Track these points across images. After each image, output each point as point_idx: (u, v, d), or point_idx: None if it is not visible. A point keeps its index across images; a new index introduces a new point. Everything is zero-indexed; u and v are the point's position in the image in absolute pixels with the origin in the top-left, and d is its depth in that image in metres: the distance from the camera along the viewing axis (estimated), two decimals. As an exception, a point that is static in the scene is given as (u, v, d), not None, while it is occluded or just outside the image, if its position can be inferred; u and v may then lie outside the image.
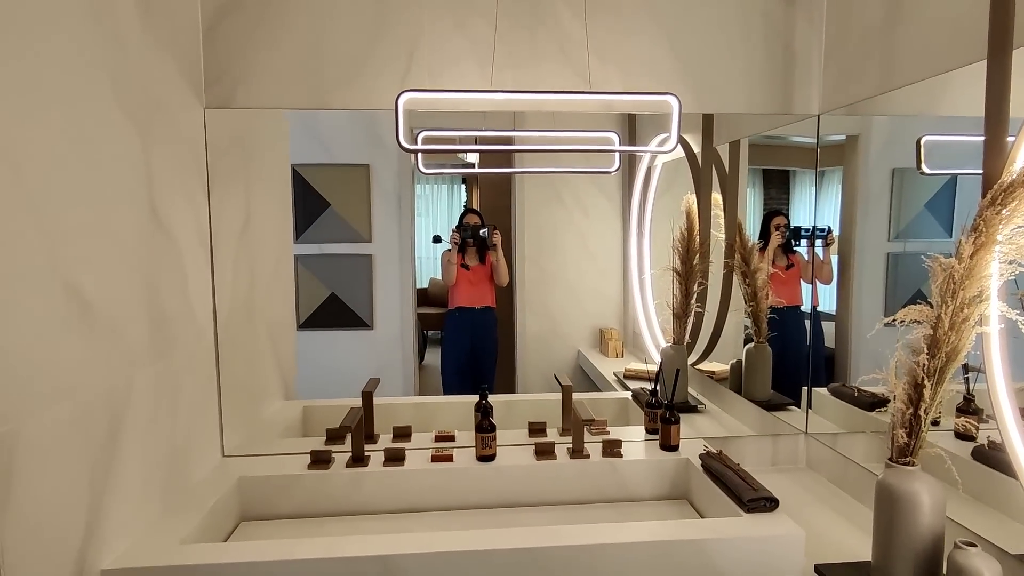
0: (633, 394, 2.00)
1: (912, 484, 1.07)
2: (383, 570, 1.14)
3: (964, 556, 0.99)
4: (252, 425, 1.70)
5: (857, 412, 1.66)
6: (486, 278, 2.09)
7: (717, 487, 1.40)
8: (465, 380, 2.15)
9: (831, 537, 1.36)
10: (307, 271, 2.07)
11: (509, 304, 2.16)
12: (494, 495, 1.54)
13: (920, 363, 1.05)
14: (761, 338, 1.96)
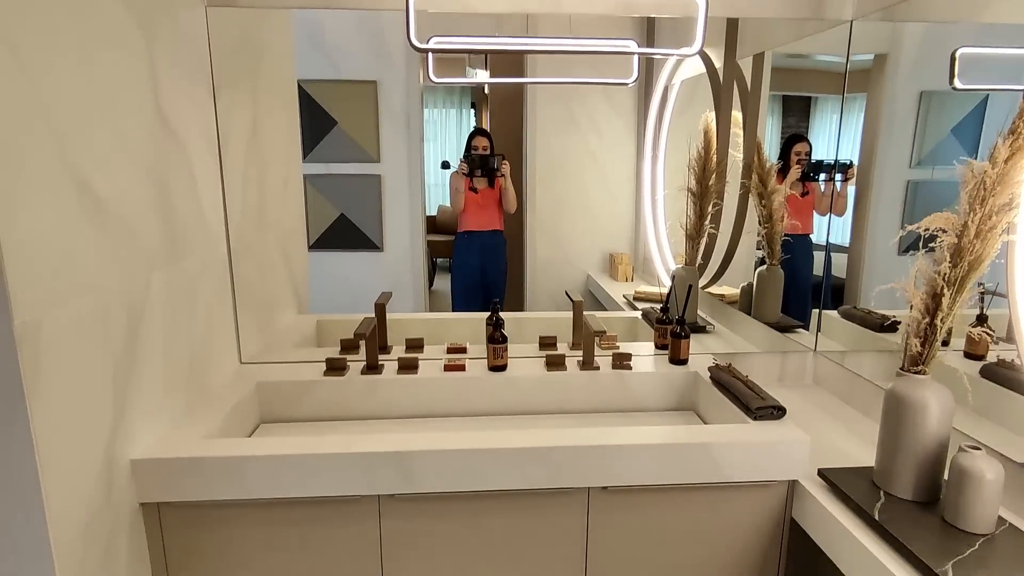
0: (643, 313, 2.01)
1: (922, 392, 1.09)
2: (398, 465, 1.18)
3: (968, 458, 1.02)
4: (267, 335, 1.73)
5: (867, 333, 1.67)
6: (494, 202, 2.06)
7: (725, 397, 1.42)
8: (475, 303, 2.17)
9: (835, 446, 1.39)
10: (315, 191, 2.04)
11: (519, 227, 2.14)
12: (505, 404, 1.58)
13: (941, 272, 1.04)
14: (774, 260, 1.95)
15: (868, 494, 1.14)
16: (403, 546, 1.25)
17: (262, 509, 1.20)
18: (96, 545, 1.03)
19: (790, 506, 1.28)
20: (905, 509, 1.09)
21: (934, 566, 0.94)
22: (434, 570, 1.27)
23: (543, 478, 1.21)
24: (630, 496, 1.26)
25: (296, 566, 1.24)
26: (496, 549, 1.27)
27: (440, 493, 1.22)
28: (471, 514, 1.24)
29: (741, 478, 1.24)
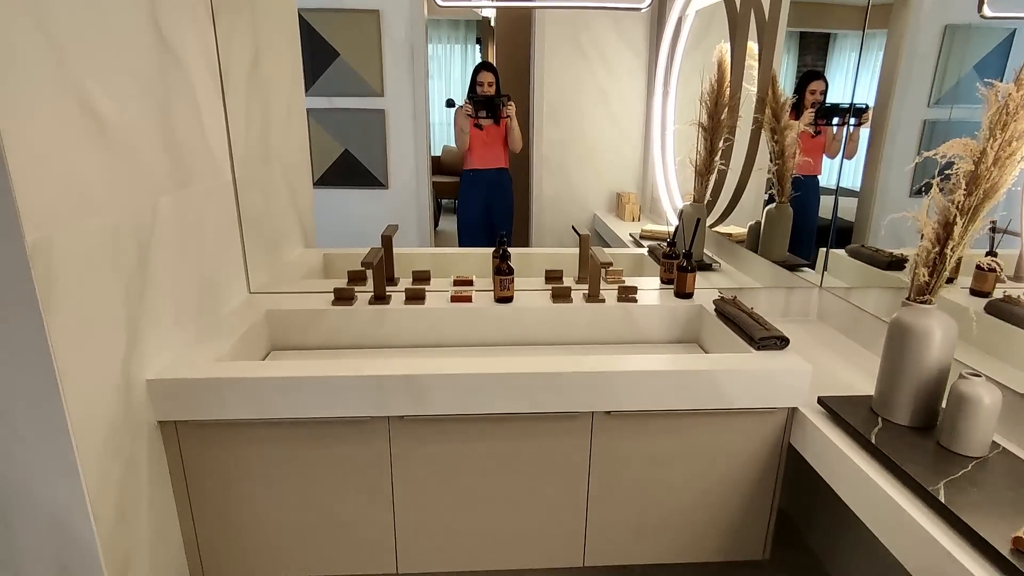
0: (649, 250, 2.01)
1: (927, 320, 1.09)
2: (408, 388, 1.21)
3: (967, 384, 1.03)
4: (275, 267, 1.74)
5: (873, 271, 1.67)
6: (500, 140, 2.02)
7: (729, 329, 1.44)
8: (481, 242, 2.16)
9: (836, 376, 1.42)
10: (319, 126, 2.01)
11: (525, 165, 2.11)
12: (511, 335, 1.60)
13: (955, 200, 1.03)
14: (783, 198, 1.93)
15: (866, 420, 1.16)
16: (412, 466, 1.29)
17: (276, 428, 1.24)
18: (118, 458, 1.07)
19: (788, 433, 1.32)
20: (901, 434, 1.12)
21: (926, 485, 0.97)
22: (442, 489, 1.32)
23: (548, 402, 1.24)
24: (633, 421, 1.29)
25: (310, 483, 1.29)
26: (502, 470, 1.31)
27: (448, 415, 1.25)
28: (478, 436, 1.28)
29: (742, 405, 1.27)
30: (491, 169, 2.06)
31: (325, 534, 1.33)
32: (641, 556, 1.41)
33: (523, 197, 2.15)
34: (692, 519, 1.38)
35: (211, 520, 1.30)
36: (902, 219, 1.64)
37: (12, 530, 1.01)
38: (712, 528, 1.39)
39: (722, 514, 1.38)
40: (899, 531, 0.97)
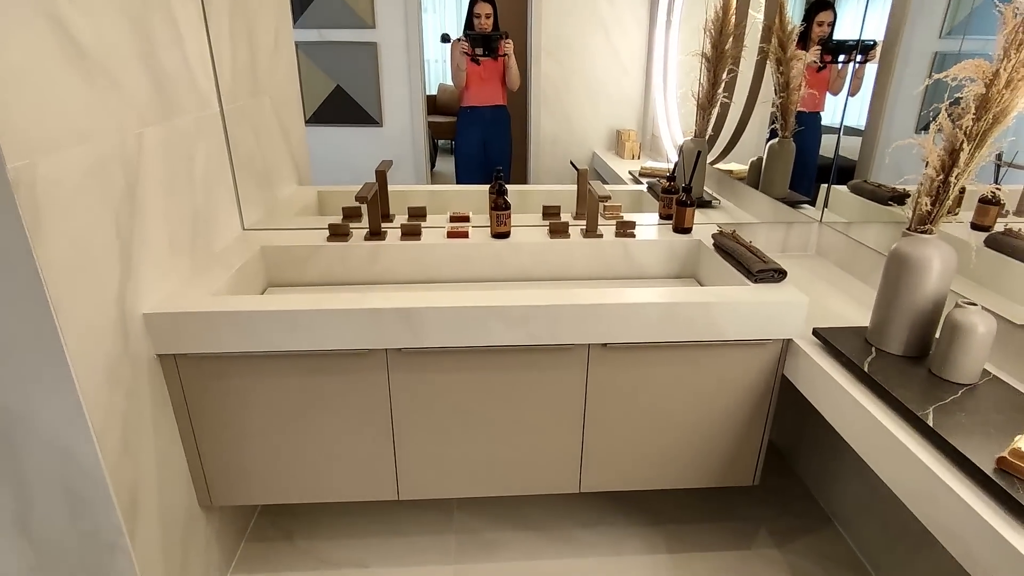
0: (648, 186, 1.98)
1: (926, 249, 1.09)
2: (406, 321, 1.21)
3: (963, 313, 1.04)
4: (269, 203, 1.72)
5: (874, 206, 1.65)
6: (497, 75, 1.95)
7: (727, 263, 1.43)
8: (478, 181, 2.12)
9: (832, 309, 1.42)
10: (309, 60, 1.93)
11: (523, 102, 2.05)
12: (508, 270, 1.60)
13: (963, 125, 1.00)
14: (787, 133, 1.88)
15: (860, 350, 1.18)
16: (411, 397, 1.31)
17: (276, 361, 1.25)
18: (119, 390, 1.08)
19: (783, 364, 1.33)
20: (894, 363, 1.13)
21: (916, 410, 0.99)
22: (440, 419, 1.34)
23: (545, 335, 1.25)
24: (629, 353, 1.30)
25: (312, 414, 1.31)
26: (499, 401, 1.33)
27: (446, 348, 1.26)
28: (476, 369, 1.29)
29: (737, 337, 1.28)
30: (489, 106, 2.00)
31: (328, 462, 1.37)
32: (635, 482, 1.45)
33: (521, 135, 2.09)
34: (685, 447, 1.42)
35: (215, 450, 1.33)
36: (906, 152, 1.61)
37: (21, 463, 1.03)
38: (704, 456, 1.43)
39: (714, 443, 1.41)
40: (888, 456, 1.00)
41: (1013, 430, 0.93)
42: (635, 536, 1.66)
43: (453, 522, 1.71)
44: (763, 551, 1.62)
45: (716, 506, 1.77)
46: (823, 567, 1.56)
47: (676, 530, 1.68)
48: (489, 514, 1.73)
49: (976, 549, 0.82)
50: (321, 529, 1.67)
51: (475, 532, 1.67)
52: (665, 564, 1.57)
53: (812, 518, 1.72)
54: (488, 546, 1.63)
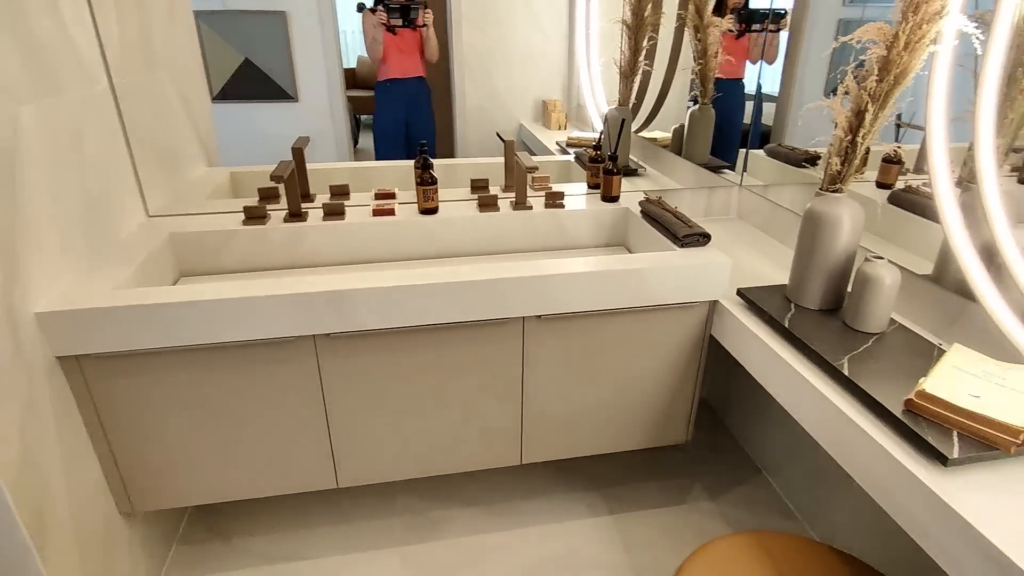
0: (576, 156, 1.98)
1: (837, 208, 1.14)
2: (333, 304, 1.16)
3: (871, 266, 1.10)
4: (175, 187, 1.59)
5: (789, 169, 1.72)
6: (415, 46, 1.87)
7: (654, 230, 1.46)
8: (401, 156, 2.05)
9: (754, 269, 1.48)
10: (212, 31, 1.79)
11: (446, 74, 1.98)
12: (438, 247, 1.56)
13: (867, 87, 1.04)
14: (706, 99, 1.92)
15: (781, 307, 1.23)
16: (344, 382, 1.27)
17: (194, 355, 1.17)
18: (13, 398, 0.98)
19: (710, 324, 1.38)
20: (812, 317, 1.19)
21: (832, 360, 1.04)
22: (377, 402, 1.31)
23: (479, 310, 1.23)
24: (564, 323, 1.31)
25: (239, 408, 1.24)
26: (436, 379, 1.31)
27: (378, 330, 1.22)
28: (410, 349, 1.26)
29: (667, 301, 1.31)
30: (408, 79, 1.92)
31: (261, 456, 1.31)
32: (575, 450, 1.48)
33: (445, 108, 2.03)
34: (622, 412, 1.45)
35: (133, 454, 1.25)
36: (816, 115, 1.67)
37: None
38: (640, 418, 1.47)
39: (649, 405, 1.45)
40: (809, 405, 1.05)
41: (918, 373, 1.00)
42: (577, 502, 1.70)
43: (397, 505, 1.68)
44: (698, 504, 1.69)
45: (652, 465, 1.83)
46: (753, 513, 1.66)
47: (616, 492, 1.73)
48: (433, 493, 1.72)
49: (889, 485, 0.88)
50: (259, 525, 1.61)
51: (420, 513, 1.66)
52: (607, 526, 1.62)
53: (741, 469, 1.82)
54: (434, 525, 1.62)
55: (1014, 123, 1.05)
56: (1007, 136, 1.06)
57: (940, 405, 0.87)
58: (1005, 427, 0.82)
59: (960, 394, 0.87)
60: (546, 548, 1.55)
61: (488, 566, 1.50)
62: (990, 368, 0.93)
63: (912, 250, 1.29)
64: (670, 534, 1.60)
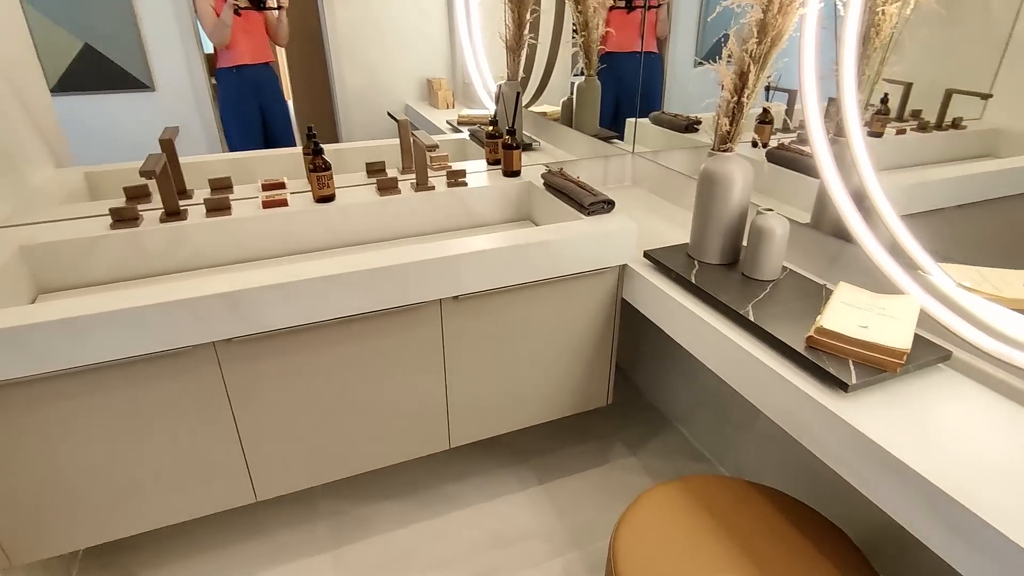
0: (471, 133, 1.95)
1: (729, 166, 1.21)
2: (231, 306, 1.06)
3: (763, 219, 1.18)
4: (19, 193, 1.38)
5: (675, 135, 1.81)
6: (260, 28, 1.70)
7: (559, 200, 1.47)
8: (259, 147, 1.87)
9: (656, 232, 1.54)
10: (41, 15, 1.55)
11: (320, 56, 1.86)
12: (340, 236, 1.48)
13: (748, 49, 1.11)
14: (591, 71, 1.96)
15: (685, 265, 1.29)
16: (253, 389, 1.17)
17: (65, 381, 1.03)
18: None
19: (621, 287, 1.42)
20: (714, 271, 1.26)
21: (738, 309, 1.11)
22: (291, 406, 1.23)
23: (392, 297, 1.18)
24: (480, 301, 1.29)
25: (132, 433, 1.11)
26: (354, 375, 1.25)
27: (285, 329, 1.14)
28: (323, 345, 1.19)
29: (579, 269, 1.33)
30: (259, 64, 1.74)
31: (165, 481, 1.19)
32: (503, 426, 1.48)
33: (323, 91, 1.91)
34: (546, 382, 1.46)
35: (5, 501, 1.08)
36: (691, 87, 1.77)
37: None
38: (564, 386, 1.49)
39: (571, 372, 1.48)
40: (721, 352, 1.12)
41: (813, 312, 1.09)
42: (506, 477, 1.71)
43: (320, 509, 1.60)
44: (621, 461, 1.77)
45: (574, 431, 1.88)
46: (671, 462, 1.76)
47: (543, 462, 1.76)
48: (357, 491, 1.66)
49: (799, 415, 0.96)
50: (167, 554, 1.47)
51: (345, 513, 1.59)
52: (537, 495, 1.64)
53: (656, 423, 1.92)
54: (362, 523, 1.56)
55: (869, 80, 1.17)
56: (864, 92, 1.17)
57: (836, 338, 0.96)
58: (891, 351, 0.92)
59: (851, 326, 0.96)
60: (481, 528, 1.55)
61: (423, 555, 1.48)
62: (872, 300, 1.04)
63: (791, 202, 1.41)
64: (599, 493, 1.65)
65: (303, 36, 1.81)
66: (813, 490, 1.40)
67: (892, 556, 1.20)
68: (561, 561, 1.46)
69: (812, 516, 1.04)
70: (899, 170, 1.18)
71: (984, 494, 0.74)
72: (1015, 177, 1.02)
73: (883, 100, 1.19)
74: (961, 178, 1.12)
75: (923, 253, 1.04)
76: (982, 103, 1.05)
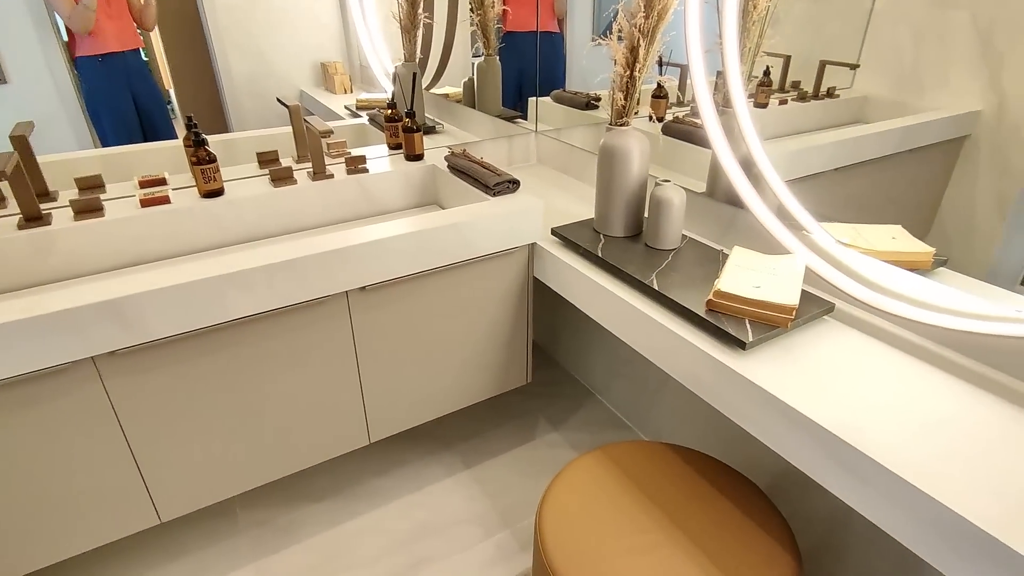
0: (370, 118, 1.88)
1: (626, 140, 1.23)
2: (113, 315, 0.97)
3: (661, 190, 1.21)
4: None
5: (574, 112, 1.83)
6: (124, 11, 1.55)
7: (464, 182, 1.45)
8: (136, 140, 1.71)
9: (563, 209, 1.56)
10: None
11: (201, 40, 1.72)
12: (231, 233, 1.39)
13: (637, 24, 1.13)
14: (490, 51, 1.94)
15: (592, 239, 1.31)
16: (144, 405, 1.08)
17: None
18: None
19: (532, 266, 1.43)
20: (619, 244, 1.29)
21: (643, 279, 1.14)
22: (192, 418, 1.14)
23: (295, 292, 1.12)
24: (389, 290, 1.26)
25: (16, 463, 1.00)
26: (259, 378, 1.18)
27: (177, 335, 1.05)
28: (223, 348, 1.12)
29: (489, 250, 1.32)
30: (128, 52, 1.59)
31: (58, 511, 1.08)
32: (423, 415, 1.45)
33: (207, 79, 1.78)
34: (463, 366, 1.45)
35: None
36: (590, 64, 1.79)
37: None
38: (482, 369, 1.49)
39: (489, 354, 1.48)
40: (629, 322, 1.15)
41: (711, 277, 1.14)
42: (432, 465, 1.69)
43: (239, 521, 1.52)
44: (545, 437, 1.79)
45: (497, 412, 1.89)
46: (594, 433, 1.80)
47: (468, 446, 1.76)
48: (276, 498, 1.59)
49: (703, 376, 1.00)
50: (64, 594, 1.35)
51: (266, 522, 1.52)
52: (466, 480, 1.64)
53: (579, 396, 1.96)
54: (285, 531, 1.50)
55: (751, 52, 1.22)
56: (747, 64, 1.23)
57: (733, 300, 1.01)
58: (781, 307, 0.98)
59: (746, 287, 1.01)
60: (410, 519, 1.53)
61: (351, 555, 1.44)
62: (763, 262, 1.10)
63: (687, 173, 1.46)
64: (526, 471, 1.67)
65: (179, 19, 1.67)
66: (723, 445, 1.48)
67: (796, 497, 1.30)
68: (493, 542, 1.47)
69: (723, 469, 1.09)
70: (783, 138, 1.25)
71: (869, 433, 0.80)
72: (881, 140, 1.11)
73: (766, 72, 1.25)
74: (836, 143, 1.20)
75: (806, 214, 1.11)
76: (851, 73, 1.13)
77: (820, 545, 1.27)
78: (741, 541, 0.95)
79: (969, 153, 0.96)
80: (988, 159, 0.94)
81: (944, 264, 1.01)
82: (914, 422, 0.82)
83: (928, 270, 1.02)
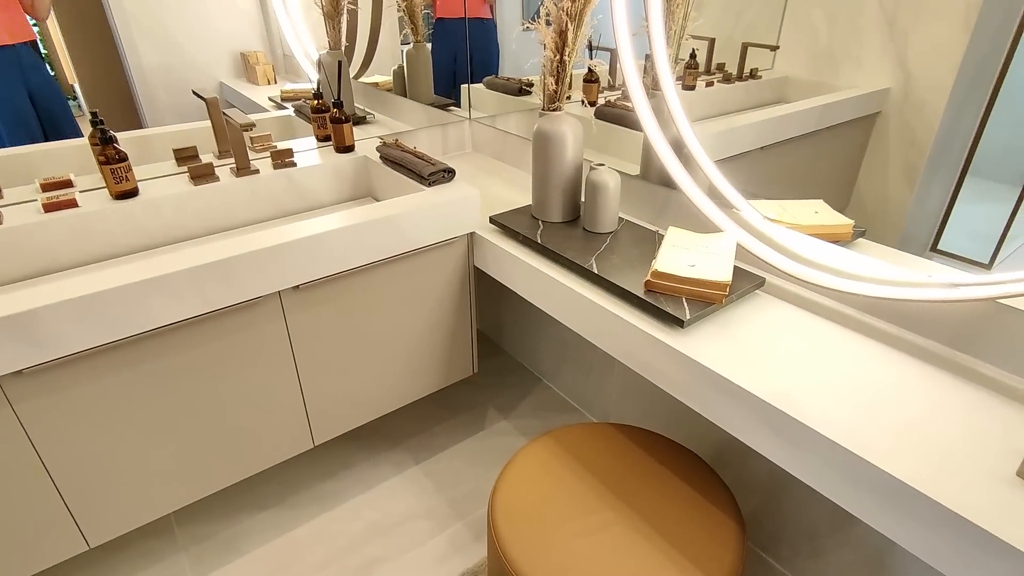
0: (296, 109, 1.81)
1: (560, 125, 1.23)
2: (18, 330, 0.89)
3: (596, 174, 1.22)
4: None
5: (508, 99, 1.82)
6: (13, 1, 1.41)
7: (398, 173, 1.42)
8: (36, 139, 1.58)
9: (499, 196, 1.55)
10: None
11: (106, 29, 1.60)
12: (149, 235, 1.30)
13: (564, 7, 1.12)
14: (419, 37, 1.90)
15: (530, 226, 1.31)
16: (61, 426, 1.01)
17: None
18: None
19: (472, 255, 1.41)
20: (558, 229, 1.29)
21: (582, 263, 1.15)
22: (116, 436, 1.07)
23: (223, 295, 1.07)
24: (325, 287, 1.21)
25: None
26: (192, 387, 1.12)
27: (94, 348, 0.98)
28: (147, 360, 1.05)
29: (426, 242, 1.29)
30: (19, 45, 1.46)
31: (-43, 554, 0.99)
32: (369, 414, 1.42)
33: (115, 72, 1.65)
34: (407, 362, 1.43)
35: None
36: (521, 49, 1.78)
37: None
38: (427, 363, 1.47)
39: (433, 347, 1.46)
40: (570, 307, 1.15)
41: (648, 258, 1.16)
42: (381, 464, 1.66)
43: (177, 538, 1.45)
44: (495, 426, 1.79)
45: (445, 405, 1.87)
46: (543, 419, 1.81)
47: (417, 442, 1.73)
48: (217, 511, 1.52)
49: (644, 355, 1.02)
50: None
51: (208, 537, 1.45)
52: (416, 476, 1.62)
53: (527, 383, 1.96)
54: (228, 545, 1.44)
55: (676, 35, 1.24)
56: (673, 47, 1.24)
57: (669, 279, 1.02)
58: (716, 284, 1.00)
59: (682, 266, 1.03)
60: (361, 520, 1.50)
61: (303, 562, 1.40)
62: (697, 240, 1.13)
63: (621, 156, 1.48)
64: (476, 462, 1.66)
65: (78, 6, 1.54)
66: (668, 421, 1.52)
67: (737, 465, 1.35)
68: (446, 535, 1.46)
69: (668, 445, 1.12)
70: (710, 119, 1.28)
71: (802, 401, 0.84)
72: (801, 119, 1.15)
73: (692, 55, 1.27)
74: (760, 123, 1.24)
75: (735, 193, 1.14)
76: (772, 54, 1.16)
77: (762, 508, 1.32)
78: (687, 512, 0.98)
79: (881, 128, 1.01)
80: (897, 133, 0.99)
81: (863, 235, 1.07)
82: (842, 387, 0.86)
83: (849, 241, 1.07)
